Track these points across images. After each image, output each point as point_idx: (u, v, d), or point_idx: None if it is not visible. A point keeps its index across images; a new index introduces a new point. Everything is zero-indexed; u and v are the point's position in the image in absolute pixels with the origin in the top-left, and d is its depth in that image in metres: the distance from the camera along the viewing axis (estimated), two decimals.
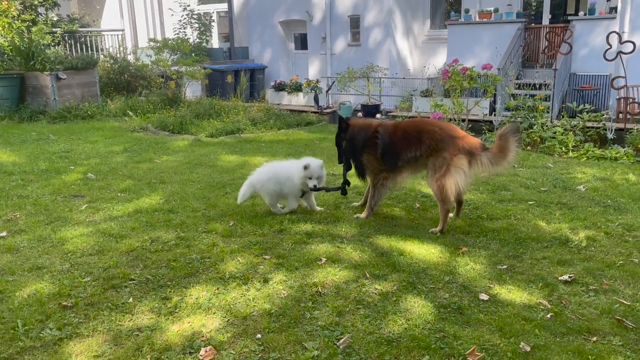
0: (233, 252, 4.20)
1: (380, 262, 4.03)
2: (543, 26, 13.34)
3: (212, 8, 20.02)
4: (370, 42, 15.53)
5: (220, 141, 9.37)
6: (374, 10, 15.22)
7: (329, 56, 16.29)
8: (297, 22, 17.11)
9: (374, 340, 3.01)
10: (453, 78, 9.50)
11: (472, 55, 13.10)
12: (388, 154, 4.85)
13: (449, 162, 4.54)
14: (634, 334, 3.04)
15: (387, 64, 14.96)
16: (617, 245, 4.29)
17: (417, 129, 4.84)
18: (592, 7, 12.43)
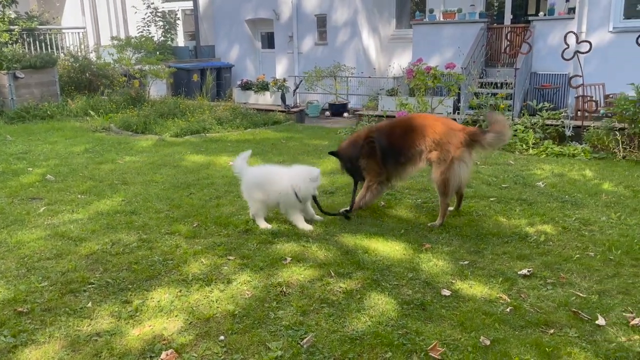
0: (196, 254, 4.15)
1: (345, 260, 4.05)
2: (505, 26, 13.61)
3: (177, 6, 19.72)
4: (337, 41, 15.57)
5: (185, 141, 9.24)
6: (341, 10, 15.26)
7: (296, 55, 16.26)
8: (264, 21, 17.02)
9: (337, 338, 3.02)
10: (417, 77, 9.62)
11: (436, 55, 13.28)
12: (389, 154, 4.86)
13: (453, 155, 4.63)
14: (589, 326, 3.13)
15: (353, 63, 15.03)
16: (573, 240, 4.42)
17: (419, 124, 4.87)
18: (551, 8, 12.75)
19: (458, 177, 4.70)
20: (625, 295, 3.47)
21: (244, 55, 17.62)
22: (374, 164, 4.93)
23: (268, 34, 17.46)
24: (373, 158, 4.91)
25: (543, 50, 12.50)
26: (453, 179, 4.68)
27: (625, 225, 4.70)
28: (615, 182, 6.06)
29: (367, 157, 4.94)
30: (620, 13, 11.83)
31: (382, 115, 10.60)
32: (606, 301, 3.40)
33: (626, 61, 10.55)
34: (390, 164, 4.90)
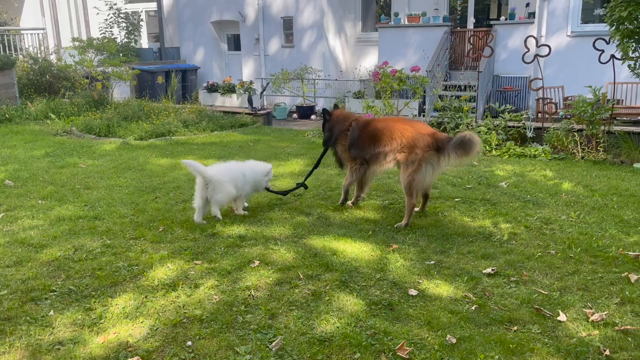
0: (162, 259, 4.09)
1: (314, 262, 4.06)
2: (468, 30, 13.92)
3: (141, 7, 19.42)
4: (303, 44, 15.61)
5: (150, 144, 9.09)
6: (307, 12, 15.31)
7: (262, 57, 16.21)
8: (230, 23, 16.91)
9: (306, 340, 3.02)
10: (383, 80, 9.72)
11: (401, 58, 13.47)
12: (355, 147, 5.13)
13: (421, 157, 4.76)
14: (551, 322, 3.22)
15: (320, 66, 15.09)
16: (535, 238, 4.54)
17: (389, 126, 5.03)
18: (512, 12, 13.10)
19: (424, 179, 4.82)
20: (585, 292, 3.59)
21: (209, 57, 17.46)
22: (344, 150, 5.26)
23: (234, 35, 17.37)
24: (344, 145, 5.24)
25: (505, 53, 12.83)
26: (418, 180, 4.80)
27: (584, 224, 4.86)
28: (574, 182, 6.25)
29: (340, 142, 5.27)
30: (577, 18, 12.25)
31: None
32: (567, 297, 3.50)
33: (584, 64, 10.93)
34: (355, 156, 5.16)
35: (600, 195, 5.69)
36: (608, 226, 4.77)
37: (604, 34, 7.89)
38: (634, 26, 7.04)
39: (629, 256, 4.08)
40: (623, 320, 3.20)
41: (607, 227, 4.73)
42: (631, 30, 7.10)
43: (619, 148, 7.78)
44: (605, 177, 6.50)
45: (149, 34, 19.89)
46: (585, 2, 12.25)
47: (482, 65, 11.70)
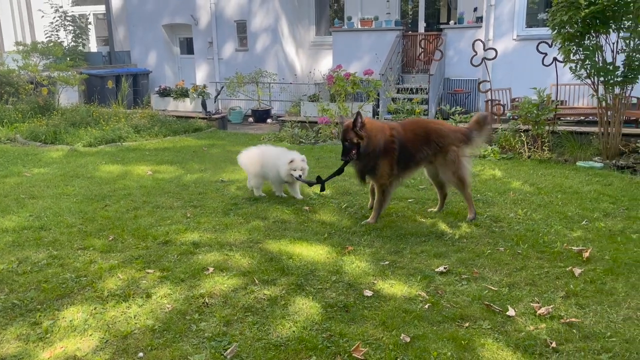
0: (112, 268, 3.97)
1: (270, 267, 4.04)
2: (419, 34, 14.20)
3: (89, 10, 18.87)
4: (258, 48, 15.54)
5: (100, 150, 8.83)
6: (260, 16, 15.26)
7: (216, 61, 16.04)
8: (182, 26, 16.66)
9: (262, 346, 3.00)
10: (337, 83, 9.80)
11: (355, 61, 13.60)
12: (403, 157, 4.97)
13: (459, 154, 4.99)
14: (500, 317, 3.32)
15: (275, 69, 15.06)
16: (485, 236, 4.67)
17: (423, 129, 5.10)
18: (461, 17, 13.47)
19: (468, 172, 5.11)
20: (532, 287, 3.71)
21: (161, 61, 17.14)
22: (389, 165, 4.93)
23: (187, 39, 17.12)
24: (390, 159, 4.92)
25: (455, 57, 13.17)
26: (466, 175, 5.08)
27: (531, 221, 5.03)
28: (521, 181, 6.47)
29: (385, 155, 4.89)
30: (523, 22, 12.71)
31: (305, 121, 10.69)
32: (515, 293, 3.62)
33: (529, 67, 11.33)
34: (402, 167, 5.01)
35: (546, 193, 5.91)
36: (553, 222, 4.95)
37: (547, 38, 8.22)
38: (574, 30, 7.35)
39: (573, 251, 4.25)
40: (568, 313, 3.33)
41: (552, 224, 4.92)
42: (572, 33, 7.42)
43: (563, 147, 8.11)
44: (550, 175, 6.76)
45: (97, 37, 19.34)
46: (529, 6, 12.73)
47: (433, 68, 11.96)
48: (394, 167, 4.93)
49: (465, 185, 5.08)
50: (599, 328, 3.14)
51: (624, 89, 7.54)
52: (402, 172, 5.03)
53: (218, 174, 7.09)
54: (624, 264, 3.98)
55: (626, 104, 7.90)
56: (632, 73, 7.30)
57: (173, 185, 6.51)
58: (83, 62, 16.19)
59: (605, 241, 4.46)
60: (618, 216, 5.10)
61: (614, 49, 7.42)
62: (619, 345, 2.96)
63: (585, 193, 5.86)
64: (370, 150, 4.83)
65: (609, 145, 7.67)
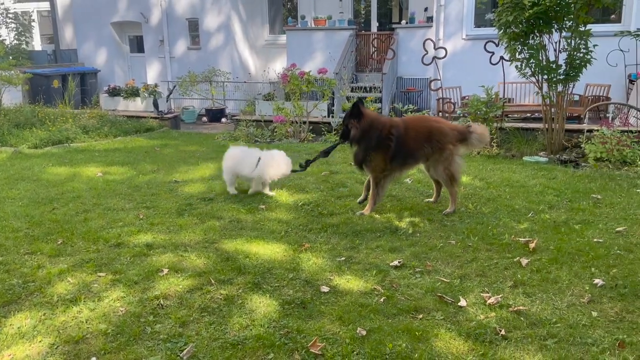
0: (62, 273, 3.85)
1: (226, 266, 4.01)
2: (372, 33, 14.39)
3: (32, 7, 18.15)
4: (211, 46, 15.36)
5: (46, 152, 8.52)
6: (213, 14, 15.08)
7: (168, 60, 15.75)
8: (132, 24, 16.26)
9: (219, 345, 2.98)
10: (292, 82, 9.80)
11: (310, 60, 13.65)
12: (400, 154, 5.06)
13: (453, 152, 5.15)
14: (452, 308, 3.42)
15: (229, 68, 14.92)
16: (437, 230, 4.80)
17: (426, 127, 5.21)
18: (412, 17, 13.73)
19: (459, 169, 5.26)
20: (482, 277, 3.84)
21: (110, 59, 16.68)
22: (382, 160, 5.05)
23: (137, 37, 16.73)
24: (383, 154, 5.04)
25: (406, 56, 13.41)
26: (457, 172, 5.24)
27: (481, 214, 5.20)
28: (471, 176, 6.67)
29: (378, 150, 5.03)
30: (471, 22, 13.08)
31: (260, 120, 10.64)
32: (466, 284, 3.73)
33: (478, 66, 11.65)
34: (399, 162, 5.13)
35: (495, 187, 6.12)
36: (501, 215, 5.14)
37: (494, 37, 8.49)
38: (519, 30, 7.63)
39: (520, 242, 4.42)
40: (516, 302, 3.46)
41: (500, 217, 5.10)
42: (517, 33, 7.70)
43: (510, 143, 8.40)
44: (498, 170, 7.00)
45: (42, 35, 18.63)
46: (477, 7, 13.11)
47: (386, 67, 12.15)
48: (387, 162, 5.05)
49: (455, 182, 5.24)
50: (545, 315, 3.29)
51: (566, 86, 7.88)
52: (399, 168, 5.20)
53: (171, 174, 6.98)
54: (567, 254, 4.17)
55: (569, 101, 8.26)
56: (574, 71, 7.64)
57: (124, 186, 6.36)
58: (27, 61, 15.56)
59: (550, 232, 4.66)
60: (562, 208, 5.34)
61: (556, 48, 7.75)
62: (564, 330, 3.11)
63: (531, 187, 6.10)
64: (361, 141, 5.03)
65: (553, 141, 8.01)
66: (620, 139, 7.21)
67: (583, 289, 3.61)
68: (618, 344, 2.93)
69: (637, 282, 3.65)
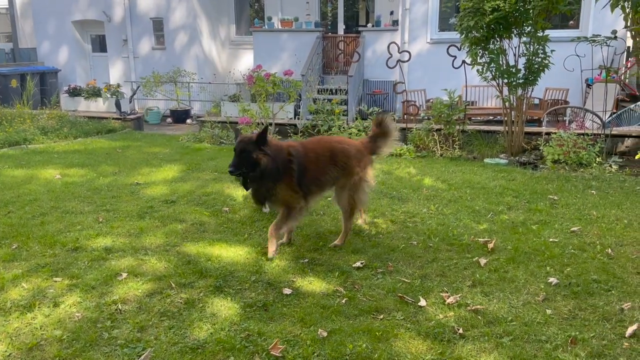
0: (16, 278, 3.74)
1: (187, 270, 3.96)
2: (338, 35, 14.45)
3: None
4: (176, 46, 15.15)
5: (3, 154, 8.25)
6: (178, 14, 14.88)
7: (131, 59, 15.45)
8: (94, 23, 15.89)
9: (178, 350, 2.94)
10: (258, 83, 9.74)
11: (276, 61, 13.62)
12: (304, 180, 4.30)
13: (362, 176, 4.48)
14: (412, 308, 3.47)
15: (194, 69, 14.74)
16: (400, 231, 4.86)
17: (328, 149, 4.47)
18: (378, 20, 13.86)
19: (365, 197, 4.63)
20: (442, 277, 3.91)
21: (72, 59, 16.26)
22: (290, 185, 4.25)
23: (99, 36, 16.36)
24: (290, 181, 4.24)
25: (373, 58, 13.53)
26: (363, 200, 4.61)
27: (442, 215, 5.29)
28: (434, 178, 6.78)
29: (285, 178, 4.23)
30: (435, 26, 13.29)
31: (226, 122, 10.55)
32: (427, 284, 3.79)
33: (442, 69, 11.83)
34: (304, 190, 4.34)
35: (456, 189, 6.23)
36: (462, 216, 5.24)
37: (457, 41, 8.65)
38: (480, 34, 7.81)
39: (479, 242, 4.52)
40: (474, 301, 3.54)
41: (461, 217, 5.20)
42: (478, 38, 7.88)
43: (472, 145, 8.58)
44: (460, 172, 7.13)
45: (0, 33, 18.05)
46: (442, 11, 13.33)
47: (352, 69, 12.22)
48: (295, 187, 4.29)
49: (354, 213, 4.61)
50: (502, 313, 3.37)
51: (526, 90, 8.10)
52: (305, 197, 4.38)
53: (133, 176, 6.85)
54: (524, 253, 4.29)
55: (528, 104, 8.49)
56: (532, 75, 7.86)
57: (84, 189, 6.21)
58: None
59: (508, 232, 4.78)
60: (520, 209, 5.48)
61: (516, 53, 7.96)
62: (519, 328, 3.19)
63: (491, 188, 6.24)
64: (272, 171, 4.14)
65: (513, 143, 8.21)
66: (577, 142, 7.45)
67: (538, 287, 3.71)
68: (570, 340, 3.03)
69: (590, 280, 3.78)
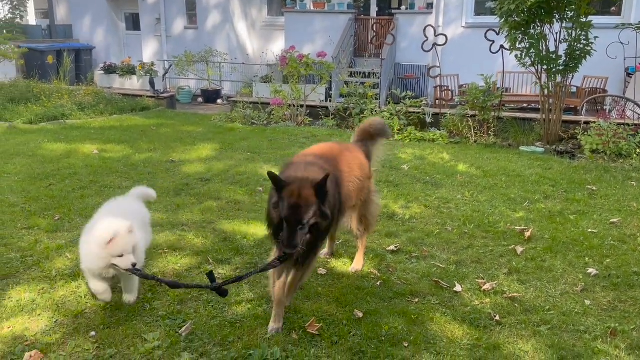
0: (60, 248, 3.85)
1: (224, 246, 4.03)
2: (371, 18, 14.28)
3: None
4: (208, 26, 15.19)
5: (42, 128, 8.45)
6: None
7: (164, 38, 15.57)
8: (128, 1, 16.03)
9: (217, 324, 3.01)
10: (291, 64, 9.74)
11: (308, 43, 13.54)
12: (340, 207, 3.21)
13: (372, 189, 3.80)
14: (448, 293, 3.46)
15: (226, 49, 14.78)
16: (434, 217, 4.83)
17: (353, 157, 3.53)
18: (412, 3, 13.64)
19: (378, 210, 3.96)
20: (478, 264, 3.89)
21: (106, 36, 16.47)
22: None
23: (133, 14, 16.50)
24: None
25: (405, 42, 13.34)
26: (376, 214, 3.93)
27: (477, 202, 5.24)
28: (468, 164, 6.70)
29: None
30: (471, 10, 13.01)
31: (257, 102, 10.59)
32: (462, 270, 3.78)
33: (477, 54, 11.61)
34: None
35: (491, 176, 6.15)
36: (498, 204, 5.18)
37: (494, 26, 8.45)
38: (521, 19, 7.62)
39: (516, 230, 4.47)
40: (511, 289, 3.51)
41: (497, 205, 5.14)
42: (518, 22, 7.69)
43: (507, 132, 8.44)
44: (495, 159, 7.02)
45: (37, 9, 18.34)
46: None
47: (384, 52, 12.09)
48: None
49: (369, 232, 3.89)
50: (539, 302, 3.34)
51: (565, 77, 7.90)
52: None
53: (168, 154, 6.95)
54: (562, 243, 4.22)
55: (566, 92, 8.28)
56: (573, 62, 7.66)
57: (121, 164, 6.33)
58: (21, 36, 15.32)
59: (545, 221, 4.71)
60: (557, 198, 5.39)
61: (557, 38, 7.75)
62: (557, 317, 3.16)
63: (527, 176, 6.14)
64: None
65: (550, 132, 8.05)
66: (617, 132, 7.25)
67: (577, 277, 3.67)
68: (610, 332, 2.99)
69: (630, 272, 3.71)
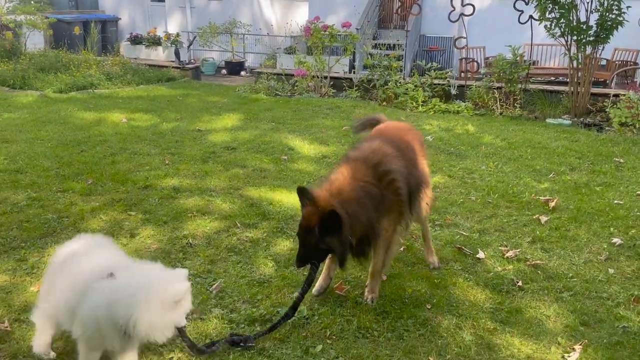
0: (94, 210, 4.00)
1: (251, 212, 4.13)
2: None
3: None
4: None
5: (71, 97, 8.63)
6: None
7: (188, 9, 15.55)
8: None
9: (246, 283, 3.12)
10: (315, 35, 9.70)
11: (332, 13, 13.39)
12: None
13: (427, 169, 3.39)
14: (470, 259, 3.52)
15: (250, 20, 14.72)
16: (458, 187, 4.85)
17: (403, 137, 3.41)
18: None
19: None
20: (501, 232, 3.92)
21: (131, 8, 16.52)
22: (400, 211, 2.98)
23: None
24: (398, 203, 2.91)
25: (431, 13, 13.09)
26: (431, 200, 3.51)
27: (501, 173, 5.24)
28: (493, 136, 6.66)
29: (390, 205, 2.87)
30: None
31: (281, 74, 10.59)
32: (485, 238, 3.82)
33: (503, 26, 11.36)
34: None
35: (516, 148, 6.12)
36: (522, 175, 5.17)
37: None
38: None
39: (540, 201, 4.47)
40: (534, 256, 3.55)
41: (521, 176, 5.13)
42: None
43: (534, 105, 8.32)
44: (520, 131, 6.96)
45: None
46: None
47: (409, 24, 11.91)
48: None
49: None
50: (562, 270, 3.38)
51: (595, 48, 7.73)
52: None
53: (194, 123, 7.06)
54: (587, 213, 4.22)
55: (596, 64, 8.11)
56: (604, 33, 7.48)
57: (149, 133, 6.46)
58: (47, 6, 15.45)
59: (570, 192, 4.70)
60: (583, 170, 5.35)
61: (588, 8, 7.55)
62: (580, 285, 3.20)
63: (553, 148, 6.09)
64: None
65: (577, 104, 7.91)
66: None
67: (601, 247, 3.68)
68: (633, 299, 3.02)
69: None
